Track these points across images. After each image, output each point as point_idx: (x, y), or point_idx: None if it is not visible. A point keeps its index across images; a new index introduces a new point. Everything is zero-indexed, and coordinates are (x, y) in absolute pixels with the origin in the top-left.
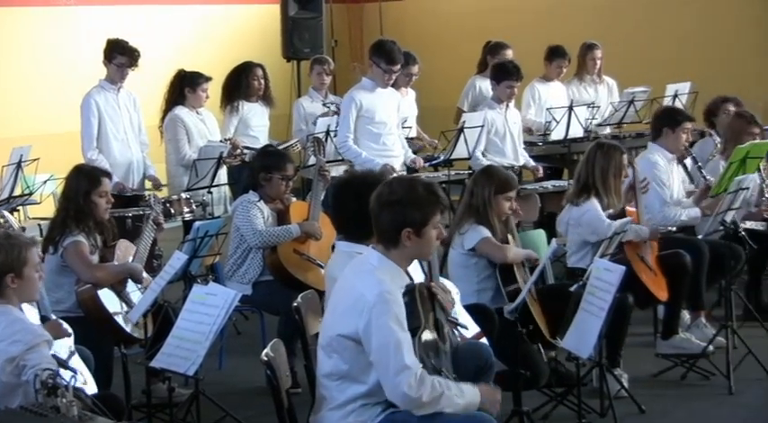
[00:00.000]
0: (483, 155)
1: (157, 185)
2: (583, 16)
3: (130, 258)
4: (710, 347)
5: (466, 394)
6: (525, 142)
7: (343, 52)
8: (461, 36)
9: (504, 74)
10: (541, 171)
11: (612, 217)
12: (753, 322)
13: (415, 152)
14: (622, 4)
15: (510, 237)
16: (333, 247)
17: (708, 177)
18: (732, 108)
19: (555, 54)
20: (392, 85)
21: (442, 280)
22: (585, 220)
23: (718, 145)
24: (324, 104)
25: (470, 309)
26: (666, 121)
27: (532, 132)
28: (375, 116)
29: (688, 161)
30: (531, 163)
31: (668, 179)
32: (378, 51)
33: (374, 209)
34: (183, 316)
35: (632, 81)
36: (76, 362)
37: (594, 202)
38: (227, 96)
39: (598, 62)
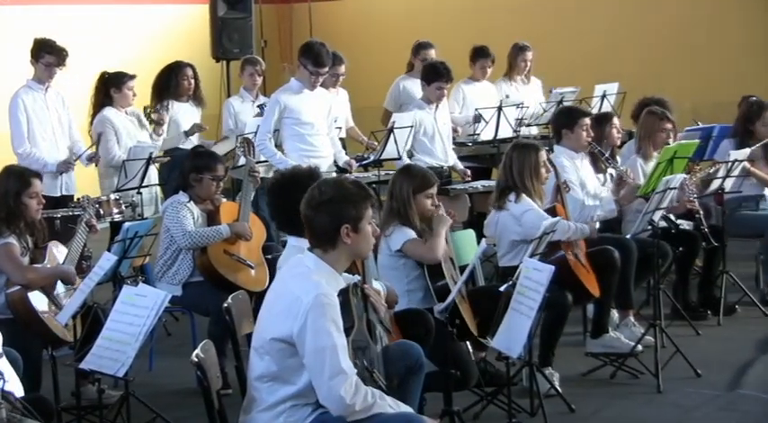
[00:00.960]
0: (411, 155)
1: (91, 158)
2: (511, 16)
3: (61, 260)
4: (639, 346)
5: (401, 406)
6: (455, 142)
7: (272, 53)
8: (392, 36)
9: (435, 75)
10: (470, 174)
11: None
12: (681, 321)
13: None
14: (550, 3)
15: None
16: (265, 249)
17: (621, 167)
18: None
19: (478, 54)
20: (320, 86)
21: (375, 282)
22: (527, 219)
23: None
24: (255, 104)
25: (405, 314)
26: (563, 123)
27: (458, 132)
28: (302, 117)
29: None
30: (460, 166)
31: (577, 179)
32: (306, 53)
33: (307, 214)
34: (113, 317)
35: (560, 81)
36: (4, 364)
37: (529, 201)
38: (157, 96)
39: (529, 64)
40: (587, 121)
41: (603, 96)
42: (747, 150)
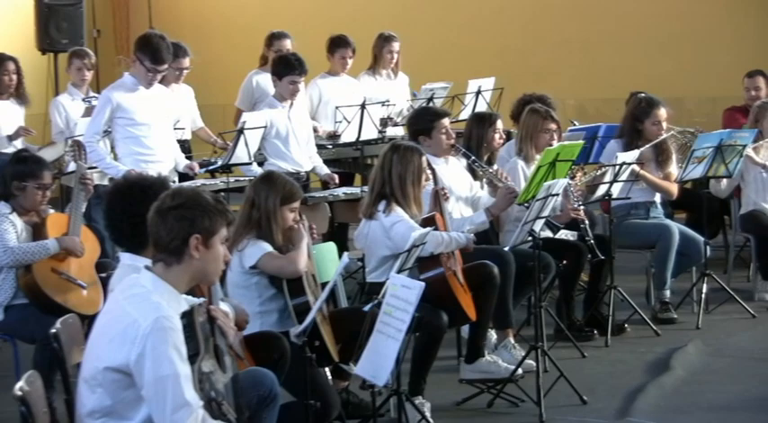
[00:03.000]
0: (264, 160)
1: None
2: (376, 4)
3: None
4: (519, 371)
5: None
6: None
7: (106, 44)
8: (243, 26)
9: (286, 68)
10: (337, 180)
11: None
12: (565, 342)
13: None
14: None
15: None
16: (98, 266)
17: (492, 169)
18: None
19: (337, 44)
20: (161, 81)
21: (222, 303)
22: (397, 231)
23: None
24: (84, 100)
25: (256, 337)
26: (419, 127)
27: (319, 133)
28: (136, 117)
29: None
30: (325, 170)
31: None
32: (143, 47)
33: (154, 220)
34: None
35: (430, 76)
36: None
37: (400, 211)
38: None
39: (395, 55)
40: (446, 122)
41: (478, 93)
42: (636, 152)
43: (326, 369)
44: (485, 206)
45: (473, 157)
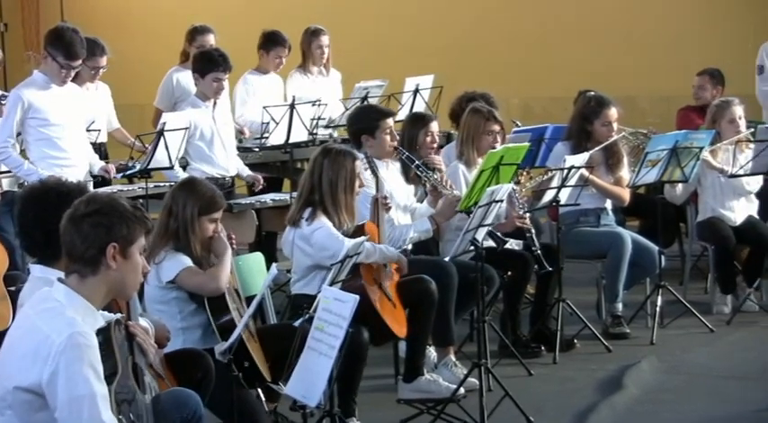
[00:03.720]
0: (186, 164)
1: None
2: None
3: None
4: (461, 390)
5: None
6: (240, 148)
7: (14, 38)
8: (162, 20)
9: (209, 64)
10: (262, 181)
11: (346, 237)
12: (510, 359)
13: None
14: None
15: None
16: (7, 279)
17: (435, 175)
18: None
19: (272, 41)
20: (75, 80)
21: (140, 319)
22: (317, 239)
23: None
24: None
25: (179, 355)
26: (362, 126)
27: (246, 135)
28: (50, 118)
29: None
30: (247, 171)
31: (383, 190)
32: (54, 42)
33: (67, 228)
34: None
35: (364, 74)
36: None
37: (324, 219)
38: None
39: (326, 51)
40: (390, 122)
41: (416, 91)
42: (585, 155)
43: (256, 389)
44: (421, 215)
45: (417, 162)
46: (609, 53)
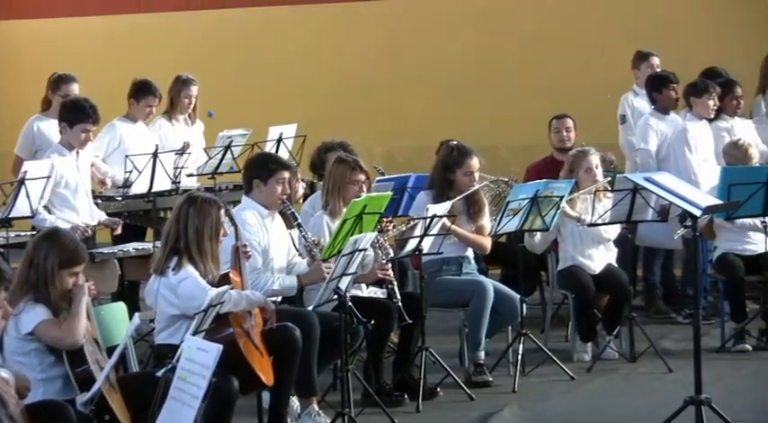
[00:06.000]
0: (49, 212)
1: None
2: (171, 46)
3: None
4: None
5: None
6: (102, 197)
7: None
8: (24, 66)
9: (79, 115)
10: (120, 225)
11: (211, 285)
12: (374, 408)
13: None
14: (218, 34)
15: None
16: None
17: (313, 237)
18: None
19: (143, 90)
20: None
21: (1, 370)
22: (183, 290)
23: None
24: None
25: (39, 406)
26: (257, 172)
27: (107, 185)
28: None
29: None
30: (104, 216)
31: (264, 239)
32: None
33: None
34: None
35: (229, 122)
36: None
37: (190, 268)
38: None
39: (193, 100)
40: (287, 175)
41: (279, 140)
42: (448, 204)
43: None
44: (299, 271)
45: (299, 221)
46: (471, 104)
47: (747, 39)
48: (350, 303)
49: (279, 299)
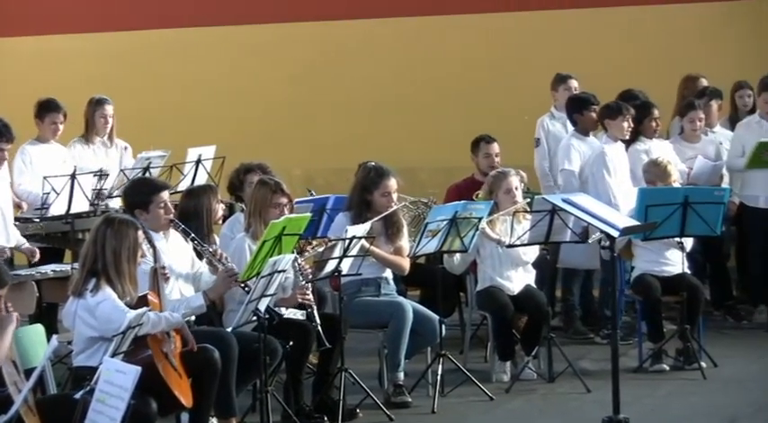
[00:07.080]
0: None
1: None
2: (85, 67)
3: None
4: None
5: None
6: (18, 218)
7: None
8: None
9: None
10: (38, 255)
11: (129, 307)
12: None
13: None
14: (134, 55)
15: None
16: None
17: (210, 247)
18: (258, 178)
19: (46, 108)
20: None
21: None
22: (102, 312)
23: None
24: None
25: None
26: (136, 202)
27: (24, 209)
28: None
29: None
30: (25, 244)
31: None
32: None
33: None
34: None
35: (147, 143)
36: None
37: (108, 290)
38: None
39: (110, 120)
40: (164, 196)
41: (198, 162)
42: (367, 225)
43: None
44: (206, 283)
45: (192, 235)
46: (390, 125)
47: (665, 62)
48: (267, 317)
49: (193, 318)
